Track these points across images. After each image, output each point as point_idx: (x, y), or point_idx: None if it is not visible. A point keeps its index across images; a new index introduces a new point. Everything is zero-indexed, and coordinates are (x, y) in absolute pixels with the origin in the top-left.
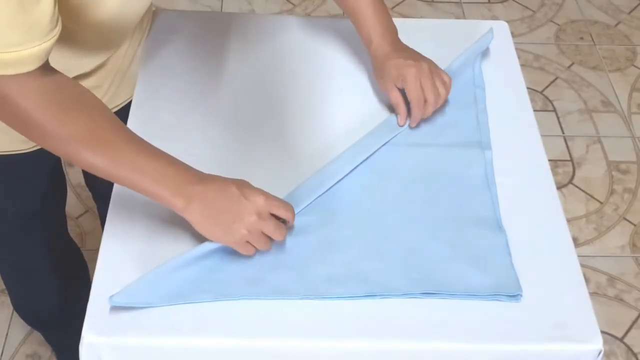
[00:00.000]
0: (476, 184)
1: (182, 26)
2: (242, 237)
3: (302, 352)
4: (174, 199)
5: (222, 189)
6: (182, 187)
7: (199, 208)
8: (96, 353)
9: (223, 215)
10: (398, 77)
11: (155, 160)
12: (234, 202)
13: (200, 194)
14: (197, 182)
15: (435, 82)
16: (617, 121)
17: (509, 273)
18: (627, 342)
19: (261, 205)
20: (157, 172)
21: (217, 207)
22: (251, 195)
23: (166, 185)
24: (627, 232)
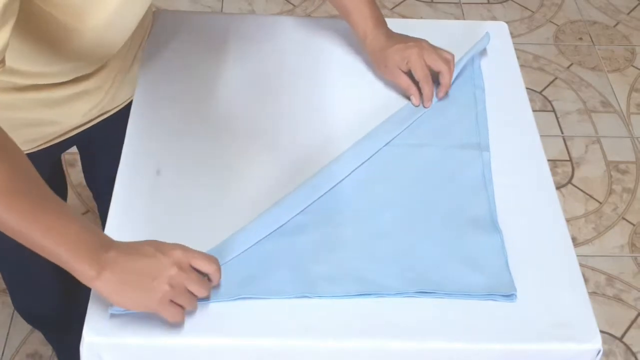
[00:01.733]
0: (473, 184)
1: (182, 27)
2: (165, 295)
3: (300, 351)
4: (85, 266)
5: (135, 250)
6: (96, 254)
7: (112, 276)
8: (97, 353)
9: (141, 276)
10: (402, 60)
11: (72, 225)
12: (151, 259)
13: (113, 260)
14: (109, 249)
15: (440, 55)
16: (616, 121)
17: (503, 273)
18: (626, 342)
19: (180, 257)
20: (73, 238)
21: (132, 269)
22: (167, 249)
23: (81, 253)
24: (626, 232)
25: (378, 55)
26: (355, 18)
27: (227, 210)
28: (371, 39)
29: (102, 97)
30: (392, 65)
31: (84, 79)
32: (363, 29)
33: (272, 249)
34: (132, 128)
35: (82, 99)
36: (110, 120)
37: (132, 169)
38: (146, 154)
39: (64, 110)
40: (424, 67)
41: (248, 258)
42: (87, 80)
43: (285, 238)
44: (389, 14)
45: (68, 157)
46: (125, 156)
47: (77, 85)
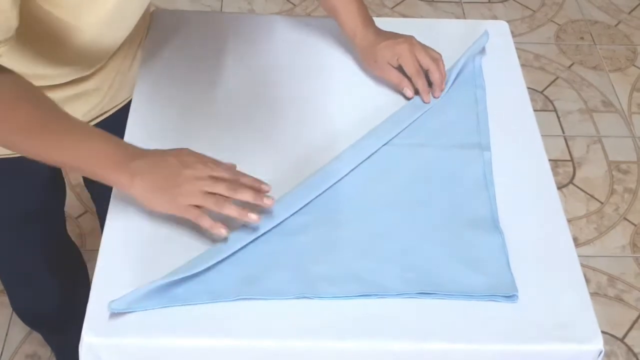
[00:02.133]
0: (474, 184)
1: (181, 26)
2: (185, 201)
3: (300, 352)
4: (117, 176)
5: (159, 161)
6: (124, 164)
7: (141, 182)
8: (96, 354)
9: (164, 184)
10: (393, 56)
11: (96, 141)
12: (174, 170)
13: (140, 168)
14: (136, 157)
15: (429, 53)
16: (618, 121)
17: (504, 273)
18: (628, 342)
19: (200, 171)
20: (98, 153)
21: (157, 177)
22: (191, 163)
23: (109, 164)
24: (628, 232)
25: (368, 51)
26: (344, 17)
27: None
28: (360, 37)
29: (101, 98)
30: (381, 61)
31: (83, 80)
32: (352, 27)
33: (272, 249)
34: (131, 127)
35: (82, 99)
36: (109, 120)
37: None
38: None
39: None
40: (415, 62)
41: (248, 258)
42: (87, 81)
43: (285, 238)
44: (389, 13)
45: None
46: None
47: (76, 87)
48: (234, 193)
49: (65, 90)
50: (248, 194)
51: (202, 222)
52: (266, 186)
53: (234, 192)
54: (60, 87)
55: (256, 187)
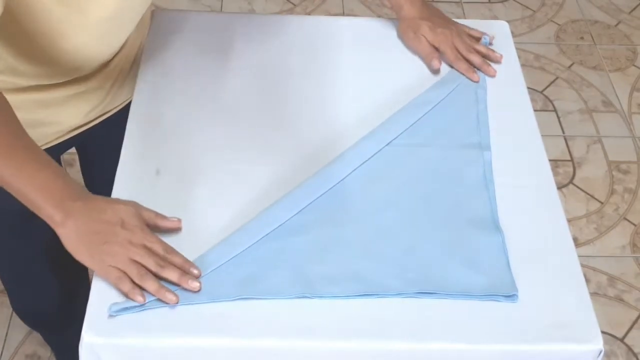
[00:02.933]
0: (474, 184)
1: (182, 26)
2: (110, 261)
3: (300, 352)
4: (53, 210)
5: (102, 211)
6: (63, 201)
7: (74, 225)
8: (96, 353)
9: (94, 237)
10: (433, 39)
11: (44, 171)
12: (110, 226)
13: (78, 211)
14: (78, 199)
15: (466, 41)
16: (618, 121)
17: (504, 273)
18: (628, 342)
19: (136, 236)
20: (42, 183)
21: (91, 228)
22: (130, 225)
23: (48, 197)
24: (628, 232)
25: (409, 23)
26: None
27: (226, 210)
28: (407, 9)
29: (102, 98)
30: (418, 35)
31: (85, 79)
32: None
33: (272, 249)
34: (132, 128)
35: (83, 99)
36: (110, 121)
37: (132, 169)
38: (145, 154)
39: (65, 111)
40: (454, 50)
41: (248, 258)
42: (88, 81)
43: (286, 238)
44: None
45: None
46: (124, 156)
47: (77, 86)
48: (161, 270)
49: (66, 89)
50: (174, 274)
51: (122, 286)
52: (196, 269)
53: (160, 269)
54: (62, 86)
55: (185, 268)
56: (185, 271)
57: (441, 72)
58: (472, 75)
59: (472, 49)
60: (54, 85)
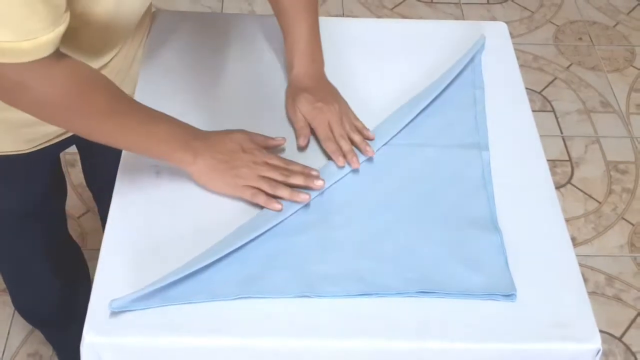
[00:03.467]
0: (473, 184)
1: (182, 27)
2: (242, 182)
3: (300, 351)
4: (182, 154)
5: (222, 143)
6: (188, 144)
7: (203, 161)
8: (97, 353)
9: (223, 165)
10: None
11: (163, 123)
12: (233, 153)
13: (203, 148)
14: (199, 138)
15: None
16: (616, 121)
17: (503, 273)
18: (626, 342)
19: (257, 156)
20: (165, 133)
21: (218, 159)
22: (248, 148)
23: (175, 144)
24: (626, 232)
25: (292, 88)
26: (290, 41)
27: (226, 210)
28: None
29: None
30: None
31: None
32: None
33: (272, 249)
34: None
35: None
36: None
37: (132, 169)
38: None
39: None
40: (326, 129)
41: (248, 257)
42: None
43: (285, 237)
44: (388, 13)
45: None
46: (125, 156)
47: None
48: (287, 178)
49: None
50: (299, 179)
51: (259, 199)
52: (315, 171)
53: (286, 178)
54: None
55: (306, 172)
56: (306, 174)
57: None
58: (337, 158)
59: (347, 136)
60: None
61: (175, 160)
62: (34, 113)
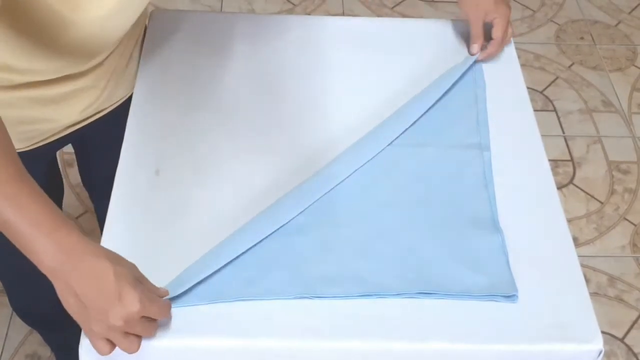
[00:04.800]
0: (474, 184)
1: (181, 26)
2: (100, 334)
3: (300, 352)
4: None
5: (98, 278)
6: (60, 252)
7: (67, 283)
8: (95, 354)
9: (89, 303)
10: (491, 12)
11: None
12: (106, 300)
13: (76, 269)
14: (76, 253)
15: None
16: (618, 121)
17: (504, 273)
18: (628, 342)
19: (133, 313)
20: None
21: (84, 293)
22: (127, 297)
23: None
24: (628, 232)
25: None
26: None
27: (226, 210)
28: None
29: (97, 96)
30: (482, 8)
31: (79, 76)
32: None
33: (272, 250)
34: (131, 127)
35: (78, 97)
36: (106, 118)
37: (131, 169)
38: (145, 154)
39: (59, 108)
40: (506, 29)
41: (248, 259)
42: (83, 78)
43: (285, 238)
44: (389, 12)
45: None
46: (124, 156)
47: (72, 83)
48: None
49: (61, 86)
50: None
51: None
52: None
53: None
54: (56, 84)
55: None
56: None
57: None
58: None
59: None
60: (48, 82)
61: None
62: None
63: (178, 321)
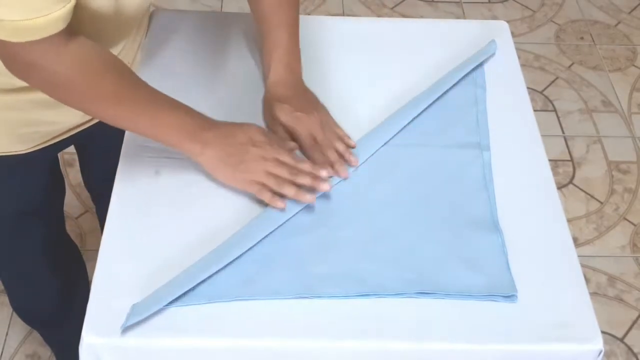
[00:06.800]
0: (474, 184)
1: (181, 26)
2: (249, 176)
3: (300, 352)
4: (191, 145)
5: (232, 135)
6: (197, 134)
7: (212, 152)
8: (96, 353)
9: (232, 158)
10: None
11: (173, 111)
12: (243, 146)
13: (212, 139)
14: (209, 129)
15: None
16: (618, 121)
17: (504, 273)
18: (628, 342)
19: (267, 152)
20: (175, 122)
21: (227, 151)
22: (259, 142)
23: (184, 133)
24: (628, 232)
25: (269, 99)
26: (268, 45)
27: (226, 210)
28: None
29: None
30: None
31: None
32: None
33: (271, 250)
34: None
35: None
36: None
37: (132, 169)
38: (145, 154)
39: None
40: (310, 136)
41: (247, 259)
42: None
43: (285, 238)
44: (389, 13)
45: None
46: (124, 156)
47: None
48: (294, 177)
49: None
50: (307, 179)
51: (263, 195)
52: (324, 172)
53: (294, 176)
54: None
55: (314, 173)
56: (315, 176)
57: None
58: (324, 169)
59: (332, 145)
60: None
61: (184, 150)
62: (47, 92)
63: (178, 321)
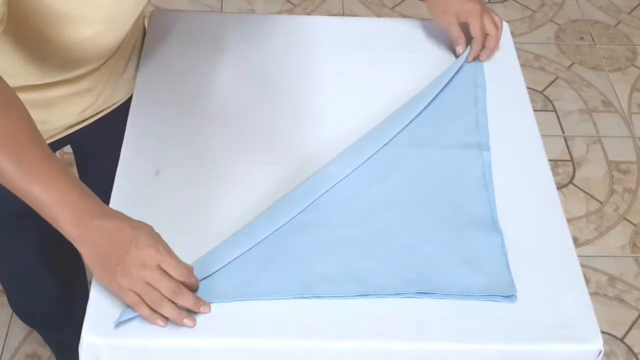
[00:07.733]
0: (473, 184)
1: (181, 26)
2: (125, 284)
3: (299, 352)
4: (72, 228)
5: (116, 231)
6: (83, 218)
7: (91, 244)
8: (96, 353)
9: (109, 259)
10: (463, 12)
11: (63, 180)
12: (123, 247)
13: (95, 229)
14: (96, 216)
15: (493, 19)
16: (618, 121)
17: (503, 273)
18: (628, 342)
19: (150, 257)
20: (61, 193)
21: (105, 249)
22: (143, 245)
23: (69, 211)
24: (628, 232)
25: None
26: None
27: (226, 210)
28: None
29: (94, 99)
30: (450, 13)
31: (76, 80)
32: None
33: (271, 249)
34: (131, 128)
35: (74, 100)
36: (105, 119)
37: (132, 169)
38: (145, 154)
39: (57, 111)
40: (482, 24)
41: (247, 259)
42: (79, 82)
43: (284, 238)
44: (389, 12)
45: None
46: (124, 156)
47: (69, 87)
48: (175, 296)
49: (58, 89)
50: (189, 301)
51: (141, 310)
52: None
53: (175, 296)
54: (53, 86)
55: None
56: (198, 300)
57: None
58: (470, 57)
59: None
60: (44, 85)
61: (62, 230)
62: None
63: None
